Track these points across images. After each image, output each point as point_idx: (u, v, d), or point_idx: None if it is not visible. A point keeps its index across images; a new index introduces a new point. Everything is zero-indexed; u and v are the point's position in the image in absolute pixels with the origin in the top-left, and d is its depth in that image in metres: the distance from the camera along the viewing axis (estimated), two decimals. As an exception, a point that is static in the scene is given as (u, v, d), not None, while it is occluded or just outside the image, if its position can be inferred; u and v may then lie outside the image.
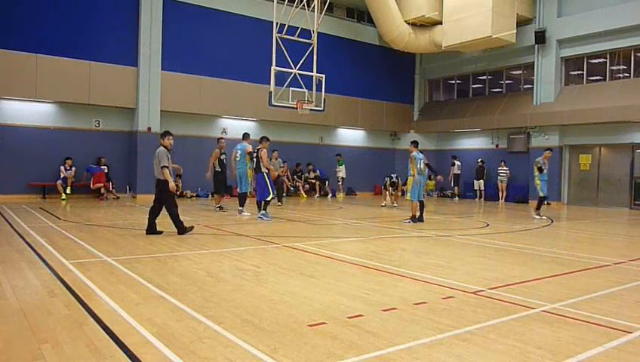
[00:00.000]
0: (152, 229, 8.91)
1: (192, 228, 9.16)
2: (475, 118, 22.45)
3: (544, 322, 4.22)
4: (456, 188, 22.79)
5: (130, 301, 4.57)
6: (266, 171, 11.64)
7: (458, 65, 23.90)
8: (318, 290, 5.16)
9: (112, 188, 17.22)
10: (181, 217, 9.04)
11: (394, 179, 17.23)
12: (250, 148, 12.78)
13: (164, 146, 8.96)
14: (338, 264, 6.67)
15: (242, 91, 19.46)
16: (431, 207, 16.96)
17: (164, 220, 8.99)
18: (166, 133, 9.19)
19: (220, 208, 13.75)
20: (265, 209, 11.72)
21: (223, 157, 13.96)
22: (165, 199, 8.82)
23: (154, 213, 8.91)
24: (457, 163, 22.75)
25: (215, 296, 4.80)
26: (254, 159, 11.81)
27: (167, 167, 8.72)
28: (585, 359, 3.42)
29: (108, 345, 3.47)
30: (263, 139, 12.07)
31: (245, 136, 13.32)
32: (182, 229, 8.92)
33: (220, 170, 13.86)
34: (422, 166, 12.12)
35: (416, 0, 20.79)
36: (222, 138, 14.49)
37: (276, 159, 18.71)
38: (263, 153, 11.66)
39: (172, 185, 8.75)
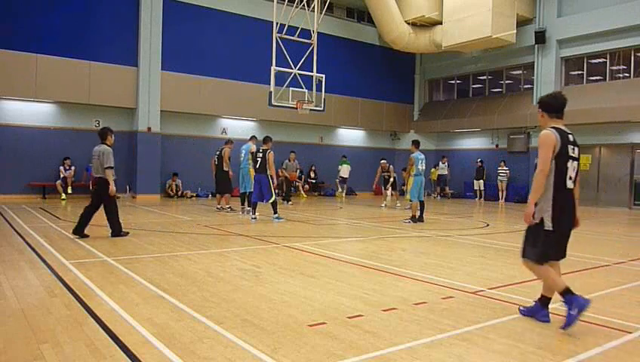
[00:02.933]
0: (81, 230, 8.27)
1: (127, 233, 8.60)
2: (475, 118, 22.45)
3: (544, 322, 4.21)
4: (438, 187, 22.84)
5: (130, 301, 4.57)
6: (270, 174, 11.56)
7: (458, 65, 23.91)
8: (318, 290, 5.16)
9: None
10: (179, 217, 9.04)
11: (388, 171, 17.37)
12: (254, 148, 12.76)
13: (108, 145, 8.35)
14: (338, 264, 6.67)
15: (242, 91, 19.46)
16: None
17: (164, 220, 8.98)
18: (109, 131, 8.51)
19: (231, 209, 13.76)
20: (276, 211, 11.67)
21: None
22: (107, 199, 8.31)
23: (90, 213, 8.34)
24: (441, 163, 22.79)
25: (215, 296, 4.80)
26: (257, 159, 11.64)
27: (112, 168, 8.22)
28: (585, 359, 3.42)
29: (108, 345, 3.47)
30: (268, 138, 11.86)
31: (252, 138, 13.40)
32: (118, 231, 8.41)
33: (226, 170, 13.85)
34: (422, 166, 12.13)
35: (416, 0, 20.79)
36: (231, 139, 14.63)
37: (293, 161, 19.00)
38: (271, 155, 11.49)
39: (113, 188, 8.20)
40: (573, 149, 4.14)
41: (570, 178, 4.12)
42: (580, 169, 4.23)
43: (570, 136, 4.17)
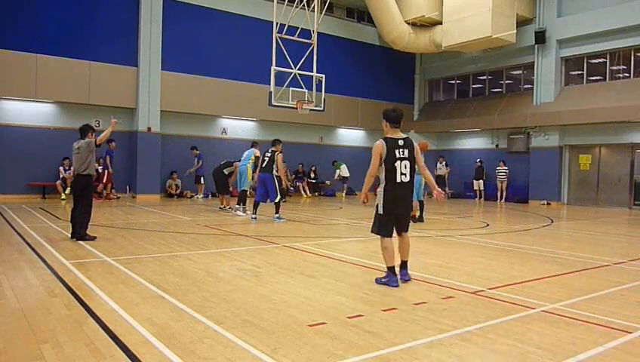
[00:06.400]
0: (80, 233, 7.97)
1: (94, 237, 8.04)
2: (475, 118, 22.44)
3: (544, 322, 4.22)
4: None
5: (130, 301, 4.57)
6: (277, 175, 11.53)
7: (458, 65, 23.90)
8: (318, 290, 5.16)
9: (112, 188, 17.23)
10: (179, 217, 9.03)
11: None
12: (258, 153, 12.82)
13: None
14: (338, 264, 6.67)
15: (242, 91, 19.46)
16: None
17: (164, 220, 8.97)
18: (90, 129, 8.41)
19: (231, 208, 13.84)
20: (278, 211, 11.66)
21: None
22: (88, 196, 8.12)
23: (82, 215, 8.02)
24: (438, 164, 22.74)
25: (215, 296, 4.80)
26: (265, 159, 11.59)
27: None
28: (585, 359, 3.42)
29: (108, 345, 3.47)
30: (277, 141, 11.88)
31: (256, 144, 13.47)
32: (82, 235, 7.95)
33: (226, 173, 14.02)
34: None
35: (416, 0, 20.79)
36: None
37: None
38: (280, 157, 11.49)
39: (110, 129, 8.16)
40: (403, 152, 5.37)
41: (403, 174, 5.35)
42: (411, 165, 5.43)
43: (400, 142, 5.40)
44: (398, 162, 5.33)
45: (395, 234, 5.58)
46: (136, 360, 3.22)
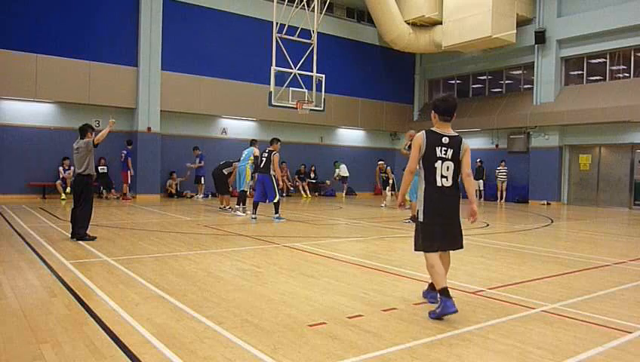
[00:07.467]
0: (80, 233, 7.98)
1: (94, 237, 8.04)
2: (475, 118, 22.43)
3: (544, 322, 4.22)
4: None
5: (130, 301, 4.57)
6: (274, 174, 11.53)
7: (458, 65, 23.89)
8: (318, 290, 5.16)
9: (112, 188, 17.25)
10: (179, 217, 9.03)
11: (385, 172, 17.41)
12: (257, 152, 12.82)
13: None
14: (338, 264, 6.67)
15: (242, 91, 19.46)
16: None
17: (164, 220, 8.97)
18: (89, 128, 8.48)
19: (231, 208, 13.85)
20: (278, 211, 11.65)
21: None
22: (88, 196, 8.13)
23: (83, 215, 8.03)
24: None
25: (215, 296, 4.80)
26: (262, 159, 11.62)
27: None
28: (585, 359, 3.42)
29: (108, 345, 3.47)
30: (275, 140, 11.82)
31: (255, 142, 13.46)
32: (82, 235, 7.94)
33: (226, 173, 14.06)
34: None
35: (416, 0, 20.80)
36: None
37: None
38: (276, 157, 11.45)
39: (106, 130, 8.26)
40: (445, 151, 4.44)
41: (445, 177, 4.44)
42: (457, 167, 4.54)
43: (445, 139, 4.45)
44: (439, 162, 4.43)
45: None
46: (136, 360, 3.22)
